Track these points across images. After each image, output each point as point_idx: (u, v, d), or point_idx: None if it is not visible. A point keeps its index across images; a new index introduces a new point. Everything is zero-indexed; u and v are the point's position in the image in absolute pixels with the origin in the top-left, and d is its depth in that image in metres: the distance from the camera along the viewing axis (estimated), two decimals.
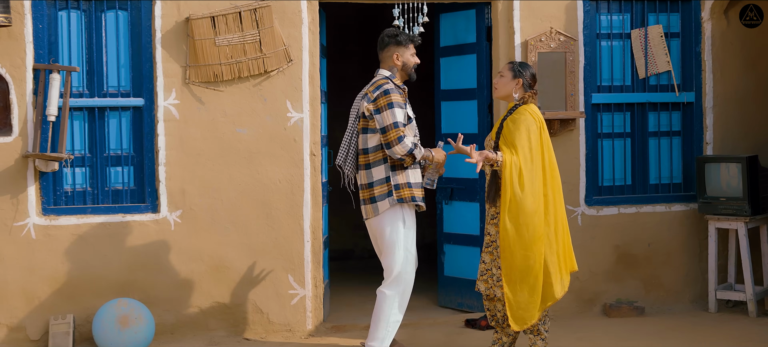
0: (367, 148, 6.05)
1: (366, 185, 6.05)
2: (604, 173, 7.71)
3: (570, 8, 7.46)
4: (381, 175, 6.01)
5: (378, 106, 5.94)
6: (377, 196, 6.01)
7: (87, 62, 6.87)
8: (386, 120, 5.91)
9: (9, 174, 6.69)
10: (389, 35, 6.15)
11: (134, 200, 6.96)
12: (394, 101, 5.93)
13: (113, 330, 6.47)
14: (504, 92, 6.09)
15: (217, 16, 6.86)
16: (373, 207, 6.03)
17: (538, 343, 6.02)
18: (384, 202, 6.00)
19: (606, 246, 7.61)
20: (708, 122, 7.78)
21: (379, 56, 6.22)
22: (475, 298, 7.64)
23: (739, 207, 7.41)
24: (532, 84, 6.04)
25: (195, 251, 6.93)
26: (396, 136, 5.88)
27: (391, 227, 6.02)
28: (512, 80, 6.04)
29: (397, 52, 6.12)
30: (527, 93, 6.03)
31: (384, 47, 6.17)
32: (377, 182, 6.02)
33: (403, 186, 6.00)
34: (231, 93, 6.95)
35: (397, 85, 6.10)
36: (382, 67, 6.20)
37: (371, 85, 6.09)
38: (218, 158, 6.95)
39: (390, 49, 6.14)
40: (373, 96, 5.98)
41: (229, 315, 6.99)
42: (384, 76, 6.12)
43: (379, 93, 5.97)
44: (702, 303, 7.77)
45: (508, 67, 6.09)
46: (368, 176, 6.04)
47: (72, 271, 6.78)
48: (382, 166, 6.01)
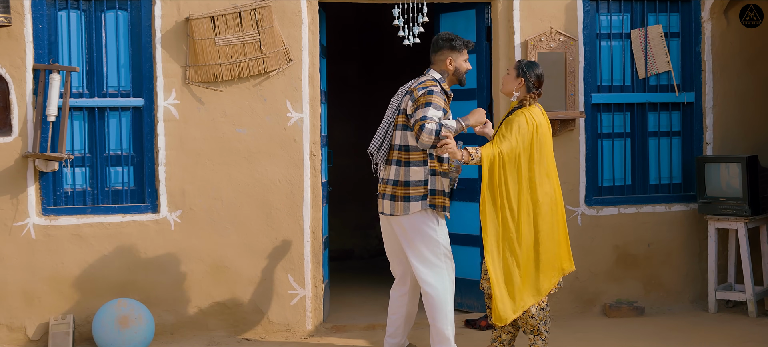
0: (407, 146, 5.99)
1: (402, 183, 5.99)
2: (604, 173, 7.72)
3: (570, 8, 7.46)
4: (419, 177, 5.96)
5: (418, 103, 5.89)
6: (412, 196, 5.96)
7: (87, 62, 6.87)
8: (418, 114, 5.84)
9: (9, 174, 6.69)
10: (444, 39, 6.09)
11: (134, 201, 6.96)
12: (433, 101, 5.86)
13: (113, 330, 6.47)
14: (506, 89, 6.14)
15: (217, 16, 6.86)
16: (404, 206, 5.97)
17: (538, 343, 6.02)
18: (417, 203, 5.95)
19: (606, 246, 7.61)
20: (708, 122, 7.78)
21: (432, 58, 6.15)
22: (475, 298, 7.64)
23: (738, 207, 7.41)
24: (536, 86, 6.03)
25: (195, 252, 6.94)
26: (421, 124, 5.77)
27: (427, 227, 5.98)
28: (515, 79, 6.06)
29: (450, 57, 6.08)
30: (529, 94, 6.03)
31: (437, 50, 6.11)
32: (414, 183, 5.97)
33: (439, 193, 5.99)
34: (231, 93, 6.95)
35: (445, 89, 6.06)
36: (433, 68, 6.14)
37: (418, 84, 6.02)
38: (218, 158, 6.95)
39: (443, 52, 6.08)
40: (418, 94, 5.93)
41: (228, 315, 6.99)
42: (433, 79, 6.05)
43: (423, 92, 5.91)
44: (702, 303, 7.77)
45: (514, 66, 6.13)
46: (405, 174, 5.98)
47: (72, 271, 6.78)
48: (421, 168, 5.96)
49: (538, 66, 6.10)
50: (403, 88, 6.16)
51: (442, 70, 6.11)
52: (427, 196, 5.96)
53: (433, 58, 6.15)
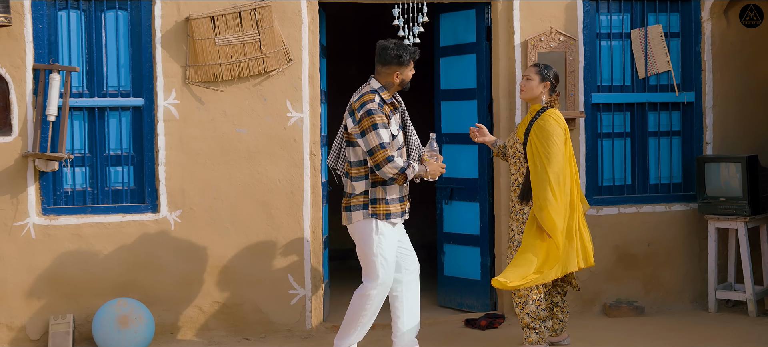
0: (350, 160, 6.06)
1: (347, 194, 6.09)
2: (604, 172, 7.71)
3: (570, 8, 7.46)
4: (361, 189, 6.02)
5: (362, 128, 5.89)
6: (353, 206, 6.03)
7: (87, 62, 6.87)
8: (372, 142, 5.86)
9: (9, 174, 6.69)
10: (393, 55, 5.96)
11: (134, 200, 6.96)
12: (377, 121, 5.86)
13: (113, 329, 6.47)
14: (531, 95, 6.18)
15: (217, 16, 6.86)
16: (348, 216, 6.06)
17: (531, 336, 6.20)
18: (358, 213, 6.02)
19: (606, 246, 7.60)
20: (708, 121, 7.78)
21: (378, 67, 6.02)
22: (475, 298, 7.64)
23: (738, 207, 7.41)
24: (556, 85, 6.20)
25: (195, 251, 6.93)
26: (384, 157, 5.85)
27: (366, 237, 6.02)
28: (540, 83, 6.15)
29: (398, 71, 6.01)
30: (552, 96, 6.15)
31: (386, 64, 5.99)
32: (355, 194, 6.03)
33: (380, 202, 6.01)
34: (231, 93, 6.95)
35: (384, 99, 6.00)
36: (377, 77, 6.04)
37: (358, 99, 5.98)
38: (218, 158, 6.95)
39: (391, 67, 5.99)
40: (358, 116, 5.91)
41: (228, 314, 6.99)
42: (372, 90, 6.01)
43: (362, 114, 5.89)
44: (702, 302, 7.77)
45: (535, 71, 6.17)
46: (350, 187, 6.06)
47: (72, 271, 6.78)
48: (362, 181, 6.02)
49: (553, 66, 6.26)
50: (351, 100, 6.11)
51: (388, 83, 6.03)
52: (367, 206, 5.99)
53: (379, 68, 6.02)
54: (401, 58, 5.97)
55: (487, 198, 7.56)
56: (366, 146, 5.89)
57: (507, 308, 7.50)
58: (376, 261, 6.01)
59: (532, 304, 6.24)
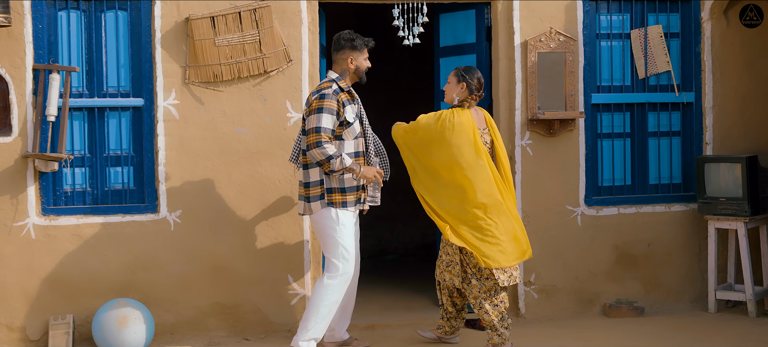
0: (304, 150, 6.18)
1: (303, 184, 6.23)
2: (604, 173, 7.71)
3: (570, 8, 7.46)
4: (316, 177, 6.17)
5: (309, 109, 6.09)
6: (312, 197, 6.18)
7: (87, 62, 6.87)
8: (311, 123, 6.06)
9: (9, 174, 6.69)
10: (345, 38, 6.24)
11: (134, 201, 6.96)
12: (325, 106, 6.06)
13: (113, 330, 6.47)
14: (448, 97, 6.52)
15: (217, 17, 6.86)
16: (307, 206, 6.21)
17: (493, 338, 6.34)
18: (316, 203, 6.17)
19: (606, 246, 7.61)
20: (708, 122, 7.78)
21: (333, 57, 6.30)
22: None
23: (738, 207, 7.41)
24: (476, 88, 6.45)
25: (194, 252, 6.93)
26: (315, 140, 6.02)
27: (326, 226, 6.17)
28: (457, 85, 6.48)
29: (351, 56, 6.25)
30: (470, 97, 6.45)
31: (339, 49, 6.26)
32: (313, 184, 6.18)
33: (335, 190, 6.15)
34: (231, 93, 6.95)
35: (341, 87, 6.22)
36: (333, 68, 6.29)
37: (315, 88, 6.22)
38: (218, 158, 6.95)
39: (345, 52, 6.25)
40: (311, 99, 6.14)
41: (228, 315, 6.99)
42: (330, 80, 6.24)
43: (315, 96, 6.11)
44: (702, 303, 7.77)
45: (453, 73, 6.53)
46: (306, 176, 6.21)
47: (72, 271, 6.78)
48: (317, 168, 6.16)
49: (477, 71, 6.51)
50: None
51: (343, 70, 6.27)
52: (324, 195, 6.16)
53: (334, 57, 6.29)
54: (354, 42, 6.23)
55: None
56: (307, 126, 6.07)
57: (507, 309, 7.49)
58: (337, 250, 6.14)
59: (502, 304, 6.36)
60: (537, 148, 7.42)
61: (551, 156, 7.46)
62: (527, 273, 7.44)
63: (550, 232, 7.47)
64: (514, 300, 7.48)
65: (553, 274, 7.50)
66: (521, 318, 7.43)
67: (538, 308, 7.47)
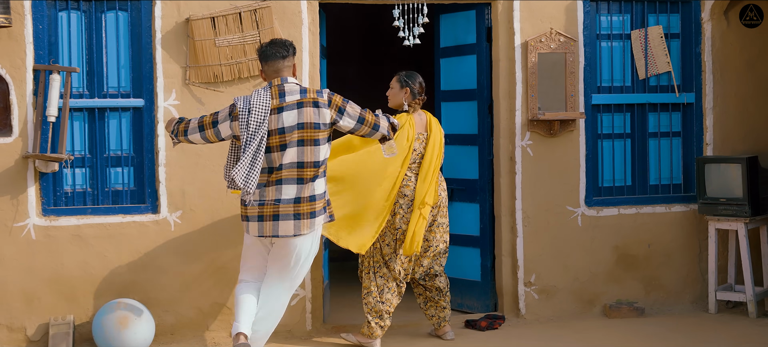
0: (318, 161, 5.65)
1: (307, 199, 5.64)
2: (604, 173, 7.71)
3: (570, 9, 7.46)
4: (322, 189, 5.71)
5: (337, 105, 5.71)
6: (318, 210, 5.67)
7: (87, 63, 6.87)
8: (356, 108, 5.78)
9: (9, 175, 6.69)
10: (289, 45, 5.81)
11: (134, 201, 6.96)
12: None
13: (113, 330, 6.47)
14: (394, 102, 6.74)
15: (217, 17, 6.86)
16: (311, 223, 5.64)
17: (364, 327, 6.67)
18: (321, 217, 5.73)
19: (606, 247, 7.60)
20: (708, 122, 7.77)
21: (285, 63, 5.76)
22: (475, 298, 7.64)
23: (739, 208, 7.41)
24: (418, 92, 6.70)
25: (195, 252, 6.93)
26: (372, 115, 5.85)
27: (316, 243, 5.82)
28: (400, 90, 6.70)
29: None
30: (414, 101, 6.69)
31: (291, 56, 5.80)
32: (319, 196, 5.69)
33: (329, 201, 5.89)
34: (231, 94, 6.95)
35: None
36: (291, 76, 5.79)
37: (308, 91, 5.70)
38: (218, 159, 6.95)
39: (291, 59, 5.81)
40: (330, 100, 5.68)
41: (229, 315, 6.99)
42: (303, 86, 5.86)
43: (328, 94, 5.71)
44: (702, 303, 7.77)
45: (396, 79, 6.73)
46: (311, 189, 5.65)
47: (72, 272, 6.78)
48: (323, 179, 5.73)
49: (418, 75, 6.73)
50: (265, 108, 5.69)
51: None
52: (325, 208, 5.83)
53: (285, 64, 5.80)
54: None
55: (487, 199, 7.56)
56: (354, 115, 5.77)
57: (508, 309, 7.50)
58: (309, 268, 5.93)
59: (370, 296, 6.62)
60: (537, 148, 7.42)
61: (551, 157, 7.46)
62: (527, 274, 7.44)
63: (551, 233, 7.47)
64: (514, 301, 7.48)
65: (553, 275, 7.50)
66: (521, 319, 7.43)
67: (538, 308, 7.47)
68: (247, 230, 5.82)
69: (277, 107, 5.65)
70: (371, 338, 6.64)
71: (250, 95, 5.70)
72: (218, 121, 5.77)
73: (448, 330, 6.90)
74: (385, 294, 6.63)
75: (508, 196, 7.44)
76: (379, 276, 6.64)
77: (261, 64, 5.86)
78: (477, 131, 7.57)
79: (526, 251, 7.43)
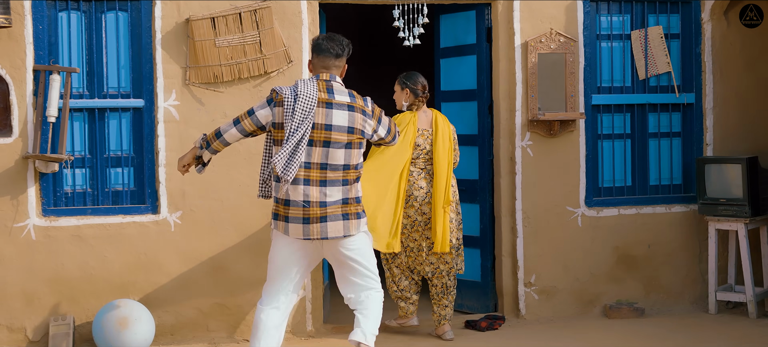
0: (358, 164, 5.52)
1: (354, 200, 5.47)
2: (604, 174, 7.71)
3: (570, 9, 7.46)
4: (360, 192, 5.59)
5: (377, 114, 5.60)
6: (361, 212, 5.52)
7: (87, 63, 6.87)
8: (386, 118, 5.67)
9: (9, 175, 6.69)
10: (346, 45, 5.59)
11: (134, 202, 6.96)
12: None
13: (113, 331, 6.47)
14: (399, 105, 6.91)
15: (217, 17, 6.86)
16: (357, 223, 5.49)
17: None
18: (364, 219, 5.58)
19: (606, 247, 7.60)
20: (708, 123, 7.77)
21: (335, 62, 5.51)
22: (475, 299, 7.64)
23: (739, 208, 7.40)
24: (419, 91, 6.84)
25: (195, 253, 6.93)
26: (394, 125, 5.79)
27: (370, 240, 5.66)
28: (401, 92, 6.87)
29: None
30: (417, 100, 6.86)
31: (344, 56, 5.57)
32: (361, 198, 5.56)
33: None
34: (231, 94, 6.95)
35: None
36: (339, 76, 5.57)
37: (356, 96, 5.53)
38: (218, 160, 6.95)
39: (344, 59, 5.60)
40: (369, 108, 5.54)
41: (229, 316, 6.99)
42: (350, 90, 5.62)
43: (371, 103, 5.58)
44: (702, 304, 7.76)
45: (397, 82, 6.90)
46: (356, 191, 5.50)
47: (72, 272, 6.78)
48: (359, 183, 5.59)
49: (420, 76, 6.87)
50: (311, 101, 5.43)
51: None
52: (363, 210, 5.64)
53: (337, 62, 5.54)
54: None
55: (487, 199, 7.56)
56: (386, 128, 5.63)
57: (508, 310, 7.50)
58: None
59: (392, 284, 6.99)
60: (537, 149, 7.42)
61: (551, 157, 7.46)
62: (527, 274, 7.44)
63: (551, 233, 7.47)
64: (514, 301, 7.48)
65: (553, 275, 7.50)
66: (521, 319, 7.43)
67: (539, 309, 7.47)
68: (286, 232, 5.46)
69: (325, 101, 5.39)
70: (406, 317, 7.08)
71: (293, 85, 5.49)
72: (254, 110, 5.47)
73: (447, 329, 6.91)
74: (401, 282, 6.96)
75: (508, 196, 7.44)
76: (394, 266, 6.96)
77: (312, 55, 5.56)
78: (477, 131, 7.57)
79: (526, 252, 7.43)
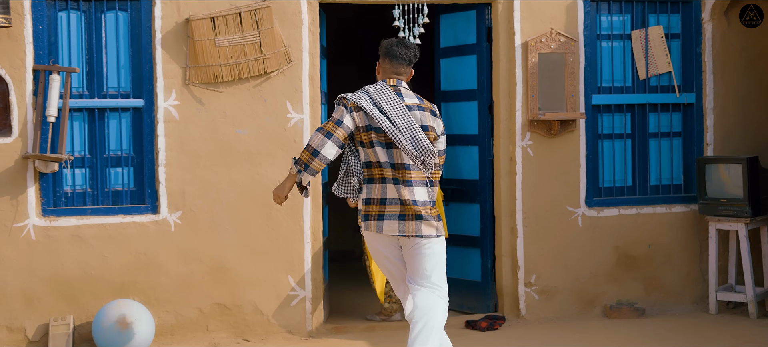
0: (438, 163, 5.35)
1: (430, 202, 5.30)
2: (605, 174, 7.71)
3: (570, 9, 7.45)
4: (435, 195, 5.43)
5: (441, 125, 5.39)
6: (439, 215, 5.35)
7: (87, 63, 6.87)
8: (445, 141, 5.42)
9: (9, 175, 6.69)
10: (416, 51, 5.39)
11: (134, 201, 6.96)
12: None
13: (113, 331, 6.47)
14: None
15: (217, 17, 6.86)
16: (438, 226, 5.29)
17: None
18: (441, 222, 5.40)
19: (606, 247, 7.60)
20: (708, 123, 7.77)
21: (407, 69, 5.34)
22: (476, 299, 7.64)
23: (739, 208, 7.40)
24: None
25: (195, 253, 6.93)
26: None
27: (444, 245, 5.43)
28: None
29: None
30: None
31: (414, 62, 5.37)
32: (434, 203, 5.39)
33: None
34: (231, 94, 6.95)
35: None
36: (405, 81, 5.37)
37: (423, 99, 5.36)
38: (218, 159, 6.95)
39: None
40: (437, 111, 5.36)
41: (229, 316, 6.99)
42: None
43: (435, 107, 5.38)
44: (702, 304, 7.76)
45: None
46: (430, 194, 5.32)
47: (72, 272, 6.77)
48: (438, 186, 5.44)
49: None
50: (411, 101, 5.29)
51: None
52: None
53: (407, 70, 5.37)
54: None
55: (487, 200, 7.56)
56: (444, 144, 5.41)
57: (508, 310, 7.50)
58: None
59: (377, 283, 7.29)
60: (537, 149, 7.42)
61: (552, 157, 7.45)
62: (528, 274, 7.44)
63: (551, 233, 7.47)
64: (514, 301, 7.47)
65: (553, 275, 7.49)
66: (522, 319, 7.43)
67: (539, 309, 7.47)
68: (380, 230, 5.28)
69: (406, 104, 5.25)
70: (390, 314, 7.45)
71: (361, 91, 5.28)
72: (340, 119, 5.19)
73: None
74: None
75: (508, 196, 7.44)
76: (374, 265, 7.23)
77: (381, 59, 5.35)
78: (477, 131, 7.57)
79: (526, 252, 7.42)
